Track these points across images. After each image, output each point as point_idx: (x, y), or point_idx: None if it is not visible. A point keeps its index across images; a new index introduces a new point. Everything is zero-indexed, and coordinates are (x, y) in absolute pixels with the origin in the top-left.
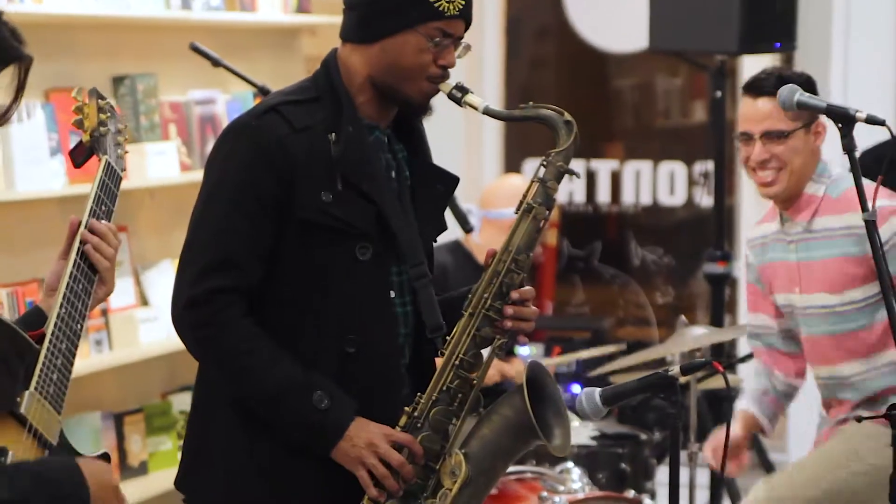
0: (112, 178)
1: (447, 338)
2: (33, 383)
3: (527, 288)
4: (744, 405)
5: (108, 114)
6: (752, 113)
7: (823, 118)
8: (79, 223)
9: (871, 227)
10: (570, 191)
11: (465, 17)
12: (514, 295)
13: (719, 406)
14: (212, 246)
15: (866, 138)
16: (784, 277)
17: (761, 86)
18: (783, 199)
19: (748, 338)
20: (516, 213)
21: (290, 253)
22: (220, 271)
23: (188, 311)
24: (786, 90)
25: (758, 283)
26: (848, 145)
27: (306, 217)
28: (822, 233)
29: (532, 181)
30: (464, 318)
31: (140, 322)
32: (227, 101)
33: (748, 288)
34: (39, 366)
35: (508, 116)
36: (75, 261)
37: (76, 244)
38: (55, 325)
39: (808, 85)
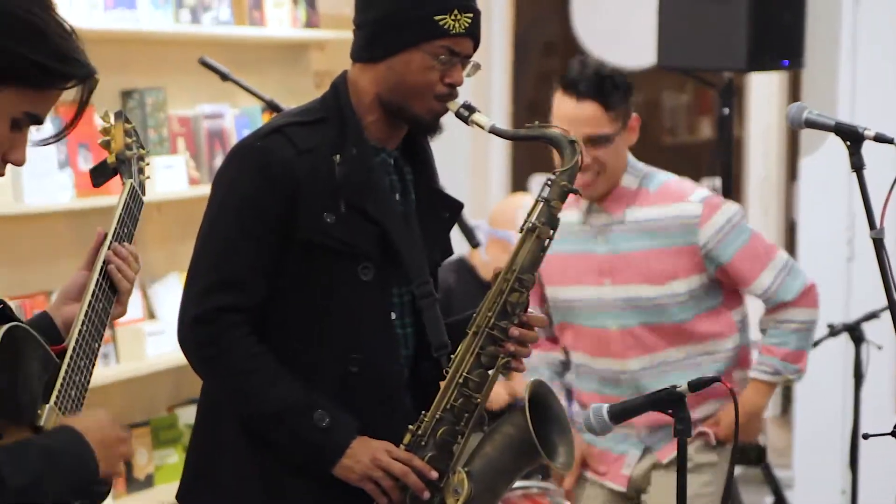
0: (135, 202)
1: (451, 357)
2: (53, 397)
3: (540, 316)
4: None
5: (133, 138)
6: (574, 115)
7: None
8: (105, 235)
9: (879, 245)
10: None
11: (473, 35)
12: (525, 318)
13: None
14: (216, 266)
15: (873, 156)
16: (582, 270)
17: (583, 88)
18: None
19: None
20: (520, 232)
21: (294, 273)
22: (225, 291)
23: (193, 330)
24: (794, 108)
25: None
26: (856, 163)
27: (309, 238)
28: (641, 224)
29: (536, 200)
30: (468, 336)
31: (147, 335)
32: (236, 116)
33: None
34: (60, 381)
35: (514, 135)
36: (98, 280)
37: (101, 258)
38: (76, 341)
39: (623, 79)
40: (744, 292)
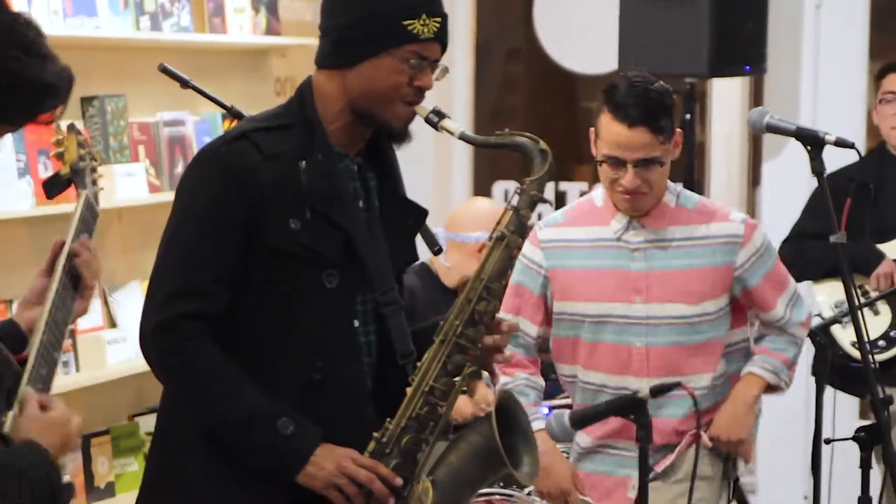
0: (91, 212)
1: (417, 364)
2: (15, 406)
3: (514, 323)
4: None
5: (86, 149)
6: (627, 142)
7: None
8: (62, 244)
9: (840, 249)
10: (539, 213)
11: (441, 40)
12: (504, 327)
13: None
14: (179, 272)
15: (835, 160)
16: (614, 286)
17: (634, 115)
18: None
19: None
20: (489, 240)
21: (258, 279)
22: (188, 298)
23: (155, 337)
24: (755, 113)
25: (537, 287)
26: (817, 168)
27: (274, 244)
28: (680, 242)
29: (506, 209)
30: (434, 344)
31: (107, 343)
32: (197, 123)
33: (514, 289)
34: (21, 389)
35: (484, 143)
36: (57, 289)
37: (59, 268)
38: (37, 349)
39: (669, 97)
40: (758, 316)
